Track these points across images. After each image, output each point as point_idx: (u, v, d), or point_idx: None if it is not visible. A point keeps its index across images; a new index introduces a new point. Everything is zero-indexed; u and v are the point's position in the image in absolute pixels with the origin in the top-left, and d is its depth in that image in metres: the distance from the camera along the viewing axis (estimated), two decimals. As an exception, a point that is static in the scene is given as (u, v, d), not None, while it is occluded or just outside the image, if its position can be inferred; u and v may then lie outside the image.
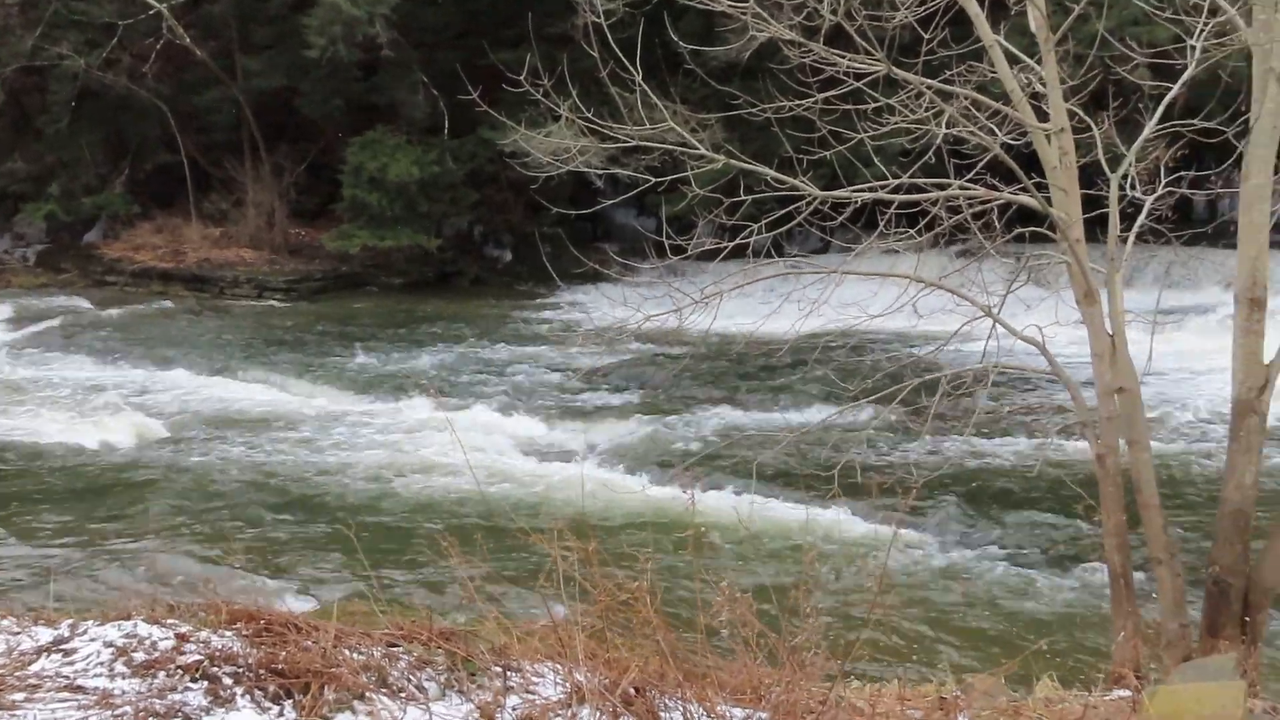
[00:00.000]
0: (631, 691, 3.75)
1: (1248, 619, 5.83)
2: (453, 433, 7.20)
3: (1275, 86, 5.35)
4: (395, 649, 4.03)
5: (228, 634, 3.87)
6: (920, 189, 6.18)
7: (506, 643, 4.17)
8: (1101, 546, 6.39)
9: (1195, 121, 6.57)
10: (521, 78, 6.88)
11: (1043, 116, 6.34)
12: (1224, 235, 6.81)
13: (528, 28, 9.85)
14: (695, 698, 3.70)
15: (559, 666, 3.91)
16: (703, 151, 6.40)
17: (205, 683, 3.57)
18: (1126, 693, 5.37)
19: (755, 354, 14.48)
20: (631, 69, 6.30)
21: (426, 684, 3.88)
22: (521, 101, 7.32)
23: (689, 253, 6.57)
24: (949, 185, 6.05)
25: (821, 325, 6.70)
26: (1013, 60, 6.47)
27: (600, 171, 7.76)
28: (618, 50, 6.47)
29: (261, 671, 3.65)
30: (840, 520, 9.18)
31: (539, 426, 14.19)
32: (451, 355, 18.84)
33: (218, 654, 3.69)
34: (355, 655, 3.86)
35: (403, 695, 3.76)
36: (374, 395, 16.00)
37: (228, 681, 3.59)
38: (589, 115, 6.61)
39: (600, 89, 6.55)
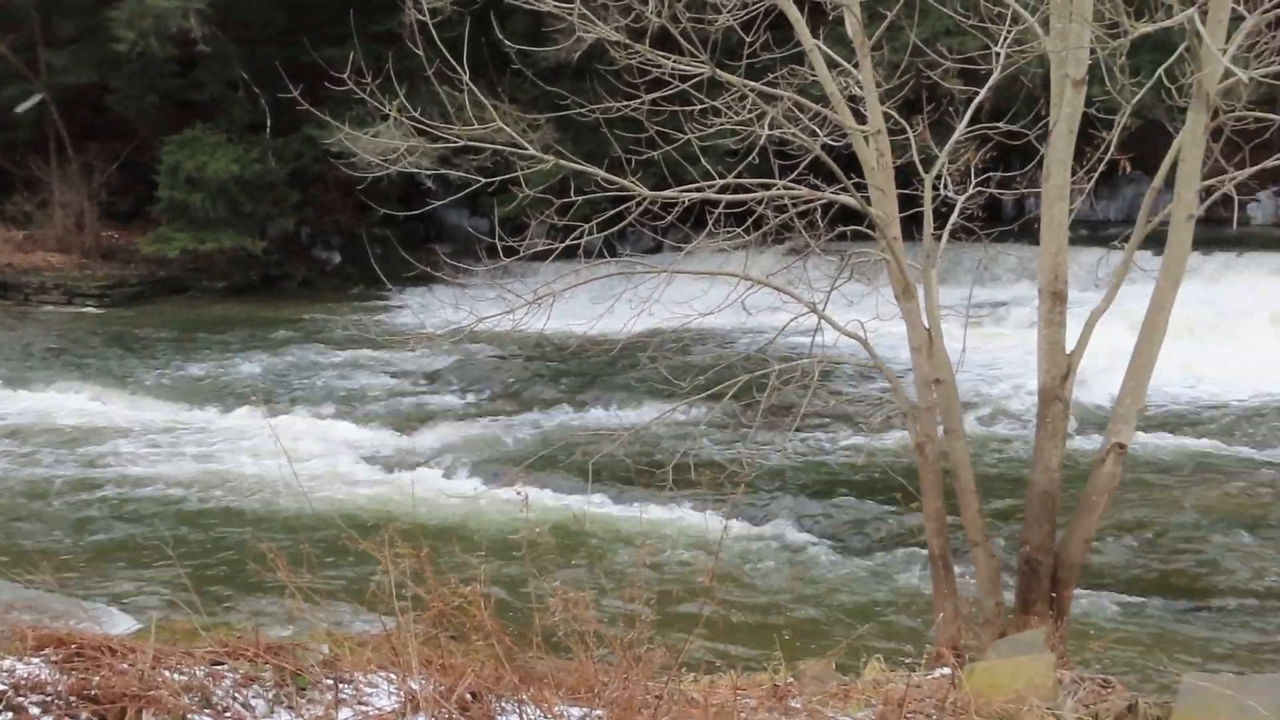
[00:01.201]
0: (468, 697, 3.71)
1: (1055, 595, 6.16)
2: (278, 441, 6.98)
3: (1071, 92, 5.66)
4: (219, 667, 3.88)
5: (35, 661, 3.65)
6: (746, 189, 6.31)
7: (337, 654, 4.08)
8: (923, 532, 6.64)
9: (1001, 125, 6.91)
10: (346, 76, 6.73)
11: (861, 119, 6.56)
12: (1029, 233, 7.17)
13: (352, 25, 9.64)
14: (532, 699, 3.69)
15: (392, 676, 3.84)
16: (533, 152, 6.38)
17: (10, 714, 3.36)
18: (947, 670, 5.61)
19: (590, 354, 14.54)
20: (459, 68, 6.24)
21: (254, 701, 3.75)
22: (347, 100, 7.16)
23: (521, 254, 6.54)
24: (774, 185, 6.20)
25: (654, 324, 6.77)
26: (832, 64, 6.67)
27: (430, 172, 7.64)
28: (444, 49, 6.40)
29: (73, 699, 3.45)
30: (674, 516, 9.31)
31: (370, 432, 13.90)
32: (279, 361, 18.26)
33: (23, 683, 3.48)
34: (176, 676, 3.70)
35: (228, 715, 3.62)
36: (195, 404, 15.38)
37: (35, 711, 3.39)
38: (417, 115, 6.51)
39: (428, 88, 6.46)
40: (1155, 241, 6.28)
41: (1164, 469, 11.59)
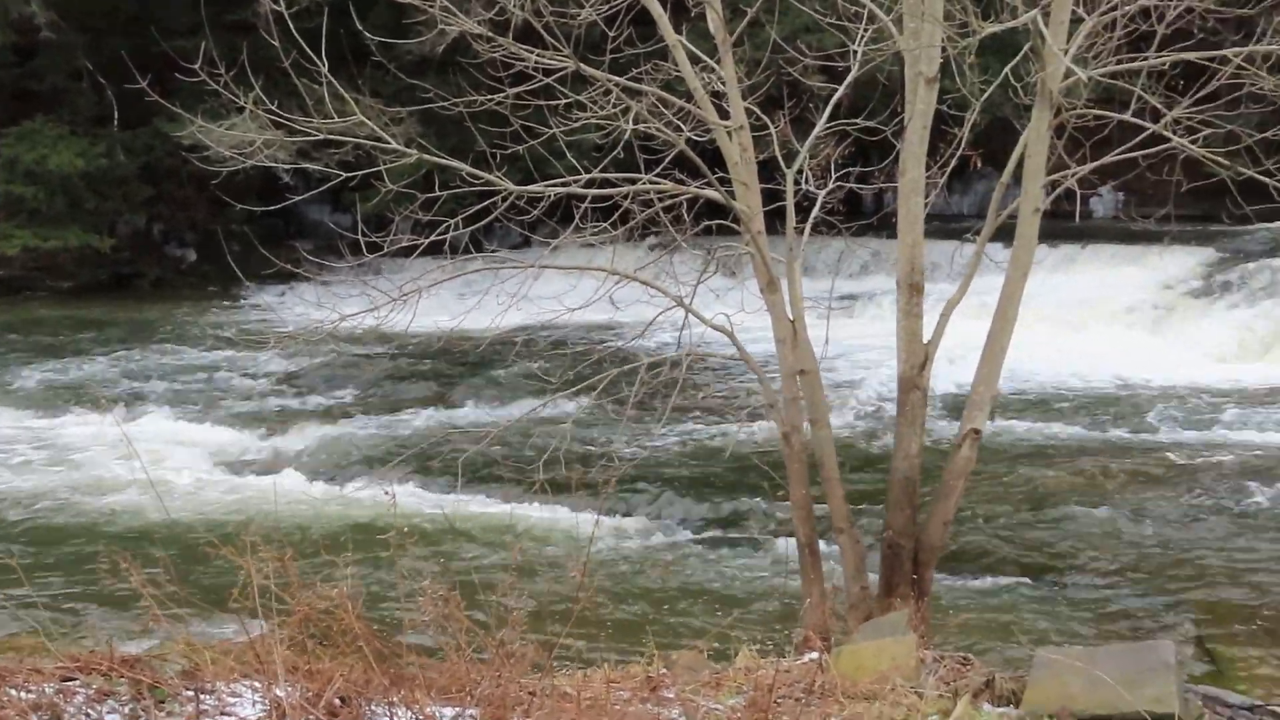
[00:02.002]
0: (336, 702, 3.64)
1: (917, 577, 6.36)
2: (132, 447, 6.72)
3: (924, 89, 5.84)
4: (71, 683, 3.72)
5: None
6: (612, 184, 6.34)
7: (198, 665, 3.95)
8: (791, 520, 6.78)
9: (859, 121, 7.08)
10: (198, 67, 6.52)
11: (724, 114, 6.65)
12: (888, 226, 7.37)
13: (203, 14, 9.32)
14: (404, 701, 3.63)
15: (257, 684, 3.74)
16: (396, 146, 6.28)
17: None
18: (816, 655, 5.74)
19: (458, 351, 14.40)
20: (317, 60, 6.09)
21: (108, 717, 3.61)
22: (200, 92, 6.93)
23: (385, 250, 6.42)
24: (639, 180, 6.23)
25: (523, 320, 6.74)
26: (695, 60, 6.73)
27: (288, 166, 7.47)
28: (302, 41, 6.25)
29: (-91, 724, 3.27)
30: (545, 513, 9.29)
31: (230, 435, 13.47)
32: (131, 364, 17.54)
33: None
34: (23, 695, 3.53)
35: (81, 732, 3.48)
36: (41, 411, 14.67)
37: None
38: (274, 108, 6.34)
39: (286, 81, 6.29)
40: (1005, 234, 6.52)
41: (1018, 452, 12.06)
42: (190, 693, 3.75)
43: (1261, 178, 5.51)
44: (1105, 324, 17.96)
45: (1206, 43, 6.16)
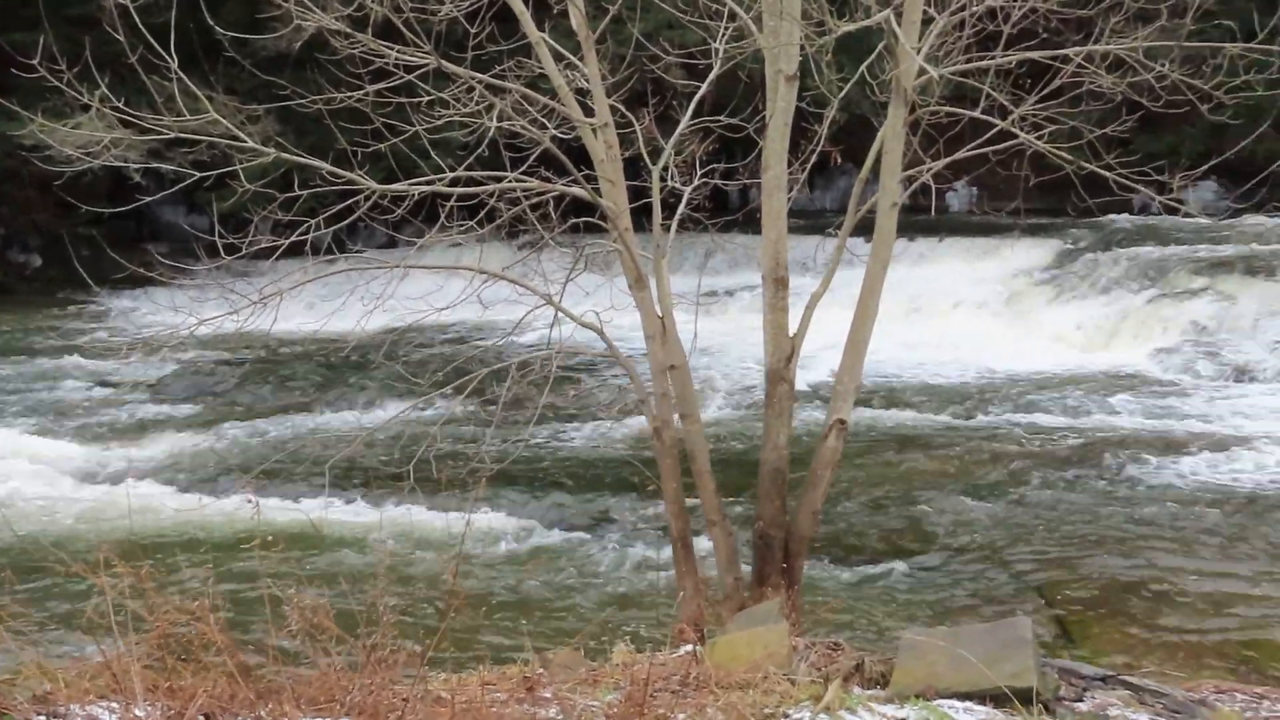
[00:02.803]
0: (201, 719, 3.52)
1: (788, 566, 6.48)
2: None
3: (784, 87, 5.94)
4: (-91, 714, 3.51)
5: None
6: (478, 182, 6.27)
7: (51, 688, 3.76)
8: (664, 515, 6.82)
9: (722, 118, 7.17)
10: (37, 63, 6.21)
11: (589, 112, 6.65)
12: (753, 222, 7.49)
13: (41, 7, 8.90)
14: (271, 715, 3.53)
15: (115, 705, 3.58)
16: (252, 145, 6.10)
17: None
18: (691, 647, 5.79)
19: (323, 354, 14.08)
20: (167, 56, 5.87)
21: (-48, 748, 3.41)
22: (40, 89, 6.61)
23: (244, 252, 6.23)
24: (505, 178, 6.19)
25: (390, 321, 6.62)
26: (559, 57, 6.72)
27: (139, 166, 7.18)
28: (149, 36, 6.01)
29: None
30: (416, 516, 9.15)
31: (81, 447, 12.89)
32: (-28, 375, 16.68)
33: None
34: None
35: (-79, 765, 3.28)
36: None
37: None
38: (122, 105, 6.09)
39: (134, 77, 6.05)
40: (866, 229, 6.68)
41: (885, 441, 12.40)
42: (43, 718, 3.57)
43: (1103, 172, 5.76)
44: (962, 315, 18.61)
45: (1050, 43, 6.42)
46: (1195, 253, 18.16)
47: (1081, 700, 5.16)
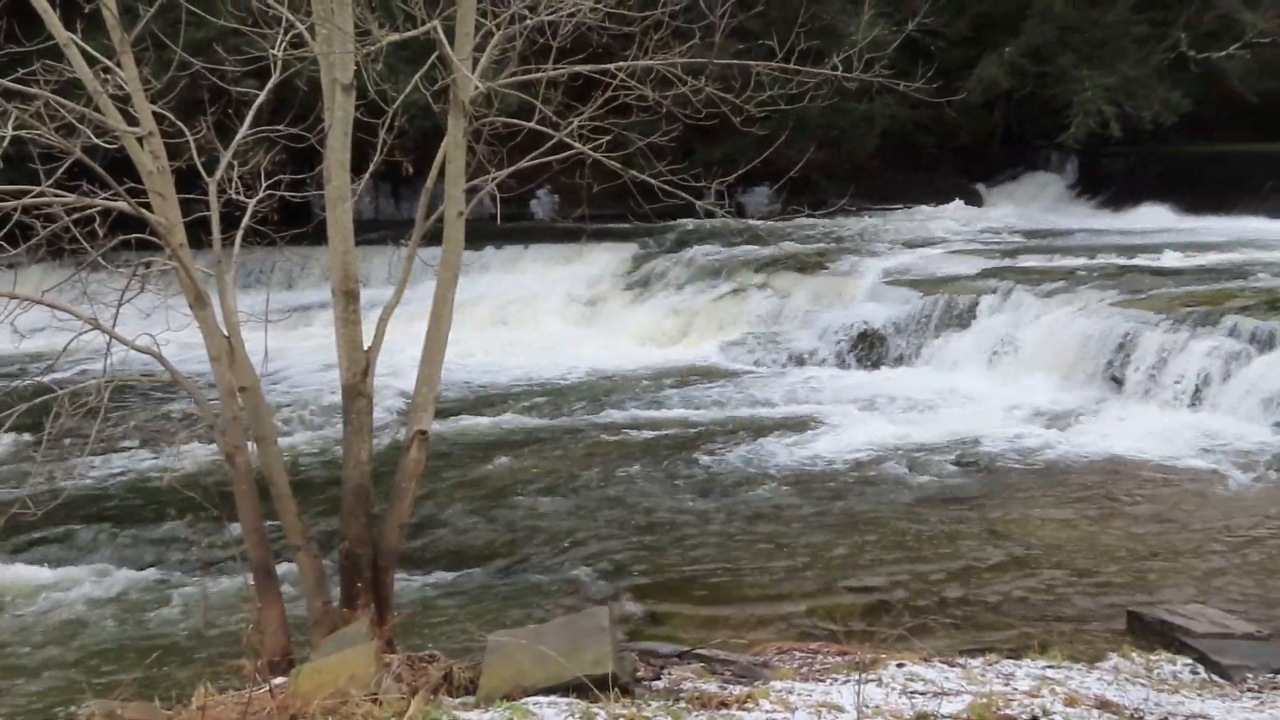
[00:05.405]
0: None
1: (378, 584, 6.36)
2: None
3: (341, 96, 5.82)
4: None
5: None
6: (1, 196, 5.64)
7: None
8: (242, 544, 6.49)
9: (281, 128, 6.91)
10: None
11: (134, 121, 6.18)
12: (324, 235, 7.29)
13: None
14: None
15: None
16: None
17: None
18: (280, 679, 5.54)
19: None
20: None
21: None
22: None
23: None
24: (31, 191, 5.61)
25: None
26: (95, 62, 6.20)
27: None
28: None
29: None
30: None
31: None
32: None
33: None
34: None
35: None
36: None
37: None
38: None
39: None
40: (439, 239, 6.69)
41: (477, 447, 12.52)
42: None
43: (650, 179, 6.13)
44: (548, 318, 19.21)
45: (601, 57, 6.74)
46: (755, 253, 19.87)
47: (659, 678, 5.48)
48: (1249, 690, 5.69)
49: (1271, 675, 5.93)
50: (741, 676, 5.61)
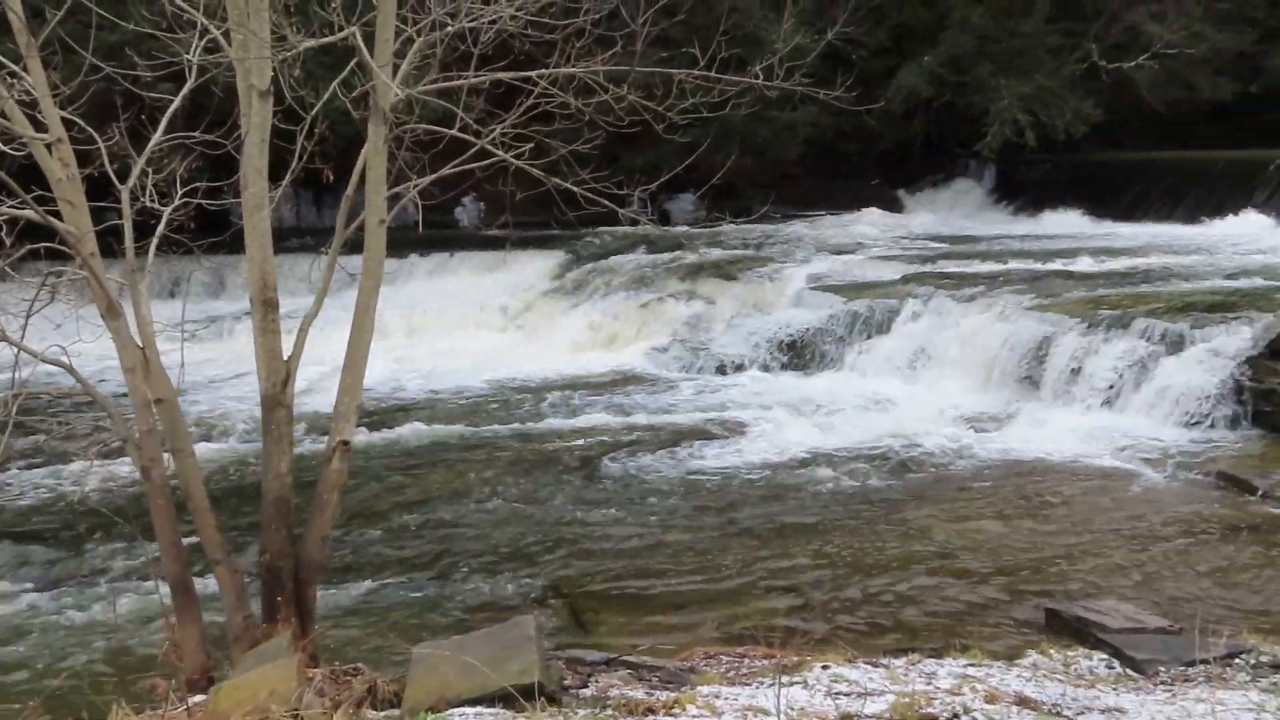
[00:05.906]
0: None
1: (300, 597, 6.26)
2: None
3: (258, 102, 5.74)
4: None
5: None
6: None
7: None
8: (159, 560, 6.35)
9: (197, 134, 6.79)
10: None
11: (42, 126, 6.03)
12: (243, 243, 7.16)
13: None
14: None
15: None
16: None
17: None
18: (200, 697, 5.43)
19: None
20: None
21: None
22: None
23: None
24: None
25: None
26: (1, 66, 6.04)
27: None
28: None
29: None
30: None
31: None
32: None
33: None
34: None
35: None
36: None
37: None
38: None
39: None
40: (361, 247, 6.60)
41: (403, 457, 12.39)
42: None
43: (573, 188, 6.13)
44: (476, 326, 19.10)
45: (522, 64, 6.72)
46: (681, 260, 19.97)
47: (586, 686, 5.46)
48: (1162, 683, 5.84)
49: (1183, 668, 6.09)
50: (668, 682, 5.62)
